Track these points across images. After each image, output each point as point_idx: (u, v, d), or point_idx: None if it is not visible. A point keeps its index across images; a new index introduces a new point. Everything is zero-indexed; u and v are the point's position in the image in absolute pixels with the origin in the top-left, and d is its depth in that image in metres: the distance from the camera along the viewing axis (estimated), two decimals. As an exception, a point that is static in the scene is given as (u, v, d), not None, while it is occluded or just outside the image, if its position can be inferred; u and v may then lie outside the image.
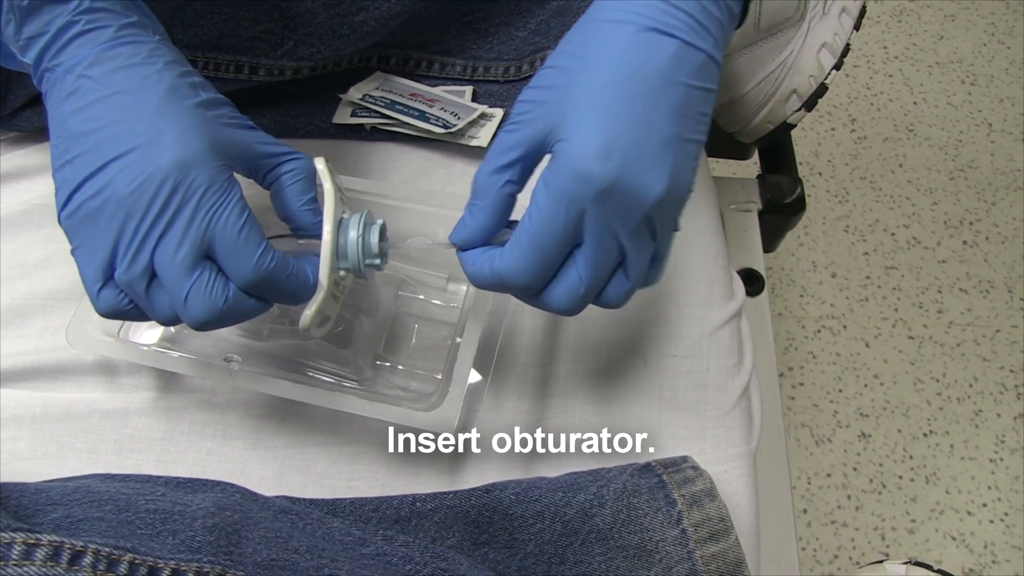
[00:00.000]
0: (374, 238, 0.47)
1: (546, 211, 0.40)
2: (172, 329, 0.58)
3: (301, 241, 0.50)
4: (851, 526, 1.31)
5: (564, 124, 0.40)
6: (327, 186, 0.48)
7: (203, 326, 0.42)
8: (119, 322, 0.57)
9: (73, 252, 0.42)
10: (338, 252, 0.47)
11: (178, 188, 0.40)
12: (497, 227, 0.45)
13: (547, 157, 0.42)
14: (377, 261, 0.48)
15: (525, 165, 0.43)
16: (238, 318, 0.44)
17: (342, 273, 0.48)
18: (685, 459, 0.55)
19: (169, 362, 0.54)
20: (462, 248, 0.45)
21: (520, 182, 0.44)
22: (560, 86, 0.41)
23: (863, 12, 0.77)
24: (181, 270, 0.41)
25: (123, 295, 0.43)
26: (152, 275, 0.42)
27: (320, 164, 0.49)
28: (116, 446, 0.56)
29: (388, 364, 0.58)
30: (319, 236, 0.47)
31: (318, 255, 0.46)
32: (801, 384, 1.42)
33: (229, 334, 0.58)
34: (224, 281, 0.43)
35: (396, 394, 0.58)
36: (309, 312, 0.46)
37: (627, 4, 0.41)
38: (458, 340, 0.54)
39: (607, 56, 0.40)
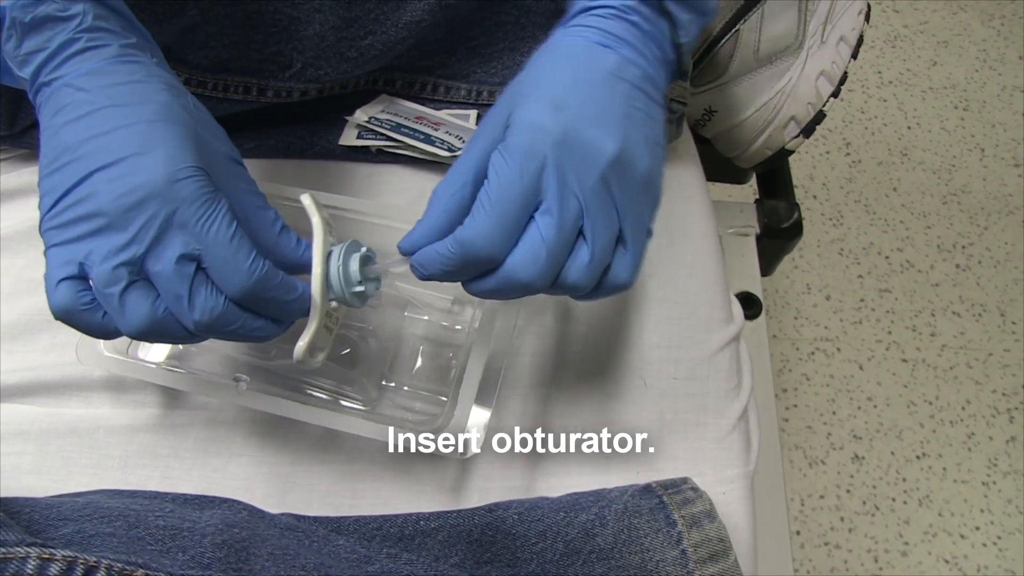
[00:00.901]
0: (354, 266, 0.47)
1: (504, 171, 0.42)
2: (180, 346, 0.59)
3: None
4: (844, 548, 1.31)
5: (516, 108, 0.43)
6: (315, 219, 0.48)
7: (205, 330, 0.42)
8: (127, 340, 0.57)
9: (46, 252, 0.42)
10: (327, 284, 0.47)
11: (168, 197, 0.41)
12: (445, 233, 0.45)
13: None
14: (360, 289, 0.48)
15: (478, 172, 0.44)
16: (232, 328, 0.44)
17: (333, 304, 0.48)
18: (685, 480, 0.55)
19: (177, 380, 0.55)
20: (408, 253, 0.46)
21: (473, 193, 0.44)
22: (512, 92, 0.45)
23: (860, 41, 0.79)
24: (177, 278, 0.41)
25: (83, 292, 0.42)
26: (131, 280, 0.41)
27: (306, 199, 0.49)
28: (122, 462, 0.57)
29: (393, 385, 0.59)
30: (305, 267, 0.47)
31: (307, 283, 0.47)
32: (795, 406, 1.43)
33: (236, 353, 0.58)
34: (217, 289, 0.43)
35: (401, 415, 0.58)
36: (302, 344, 0.47)
37: (574, 31, 0.46)
38: (464, 361, 0.55)
39: (556, 61, 0.45)
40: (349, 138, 0.66)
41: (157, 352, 0.58)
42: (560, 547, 0.51)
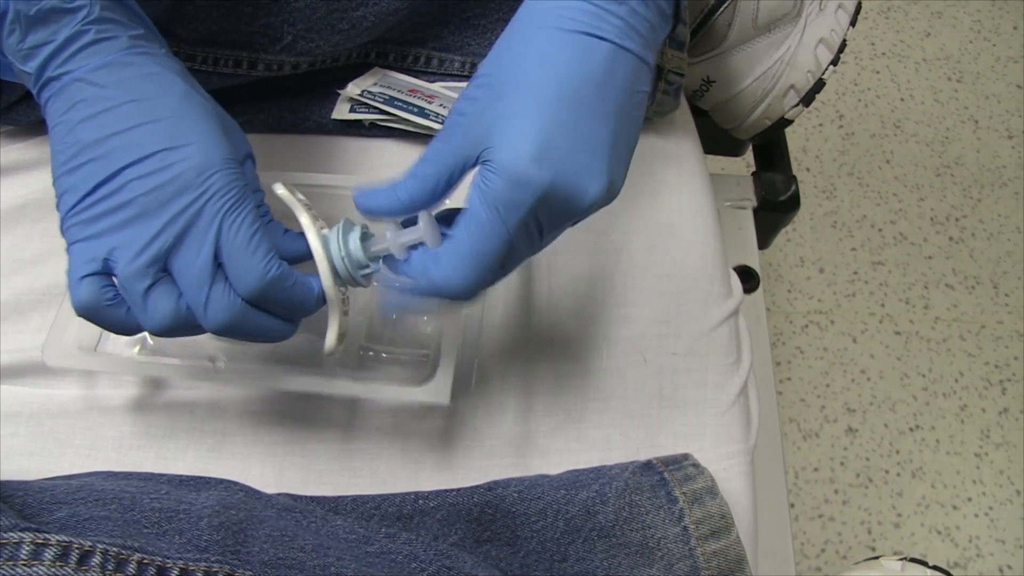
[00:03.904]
0: (356, 248, 0.46)
1: (486, 222, 0.40)
2: (150, 341, 0.58)
3: None
4: (838, 520, 1.32)
5: (494, 132, 0.40)
6: (302, 216, 0.46)
7: (221, 331, 0.42)
8: (96, 336, 0.57)
9: (69, 248, 0.42)
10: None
11: (199, 191, 0.41)
12: (401, 213, 0.44)
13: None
14: (368, 270, 0.47)
15: (452, 176, 0.42)
16: (246, 330, 0.43)
17: (343, 289, 0.47)
18: (686, 457, 0.55)
19: (152, 369, 0.54)
20: (365, 211, 0.44)
21: (446, 192, 0.43)
22: (488, 96, 0.41)
23: (859, 8, 0.78)
24: (203, 274, 0.41)
25: (106, 288, 0.42)
26: (156, 278, 0.41)
27: (281, 189, 0.48)
28: (115, 443, 0.56)
29: (372, 353, 0.58)
30: (299, 258, 0.46)
31: (315, 275, 0.46)
32: (789, 379, 1.43)
33: (208, 339, 0.57)
34: (232, 288, 0.42)
35: (385, 378, 0.58)
36: (332, 337, 0.46)
37: (557, 8, 0.40)
38: (438, 321, 0.55)
39: (538, 62, 0.40)
40: (342, 112, 0.65)
41: (129, 342, 0.58)
42: (561, 525, 0.51)
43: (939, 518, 1.32)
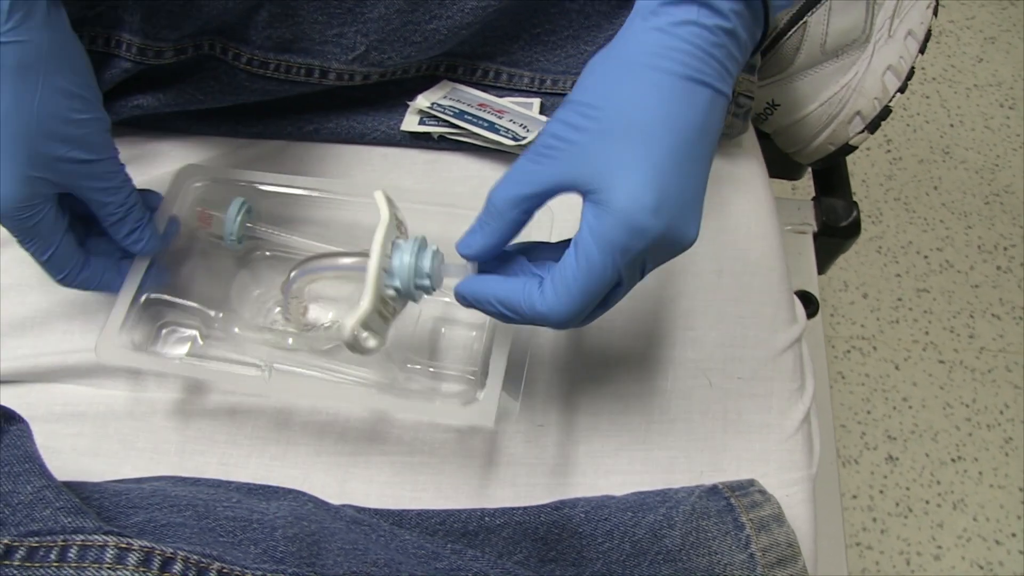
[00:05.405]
0: (426, 262, 0.48)
1: (597, 262, 0.41)
2: (200, 341, 0.58)
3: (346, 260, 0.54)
4: (876, 549, 1.30)
5: (607, 173, 0.40)
6: (384, 213, 0.48)
7: None
8: (149, 334, 0.57)
9: None
10: (391, 271, 0.48)
11: None
12: (502, 248, 0.46)
13: (574, 197, 0.42)
14: (427, 283, 0.48)
15: (543, 199, 0.43)
16: None
17: (391, 292, 0.48)
18: (752, 482, 0.54)
19: (199, 372, 0.55)
20: (471, 259, 0.47)
21: (534, 212, 0.44)
22: (594, 129, 0.41)
23: (928, 36, 0.77)
24: None
25: None
26: None
27: (379, 196, 0.50)
28: (178, 447, 0.56)
29: (418, 367, 0.58)
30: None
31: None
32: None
33: (257, 346, 0.58)
34: None
35: (431, 393, 0.58)
36: (349, 321, 0.46)
37: (665, 49, 0.41)
38: (487, 338, 0.55)
39: (647, 106, 0.40)
40: (411, 124, 0.65)
41: (179, 345, 0.58)
42: (627, 547, 0.51)
43: (981, 552, 1.30)
